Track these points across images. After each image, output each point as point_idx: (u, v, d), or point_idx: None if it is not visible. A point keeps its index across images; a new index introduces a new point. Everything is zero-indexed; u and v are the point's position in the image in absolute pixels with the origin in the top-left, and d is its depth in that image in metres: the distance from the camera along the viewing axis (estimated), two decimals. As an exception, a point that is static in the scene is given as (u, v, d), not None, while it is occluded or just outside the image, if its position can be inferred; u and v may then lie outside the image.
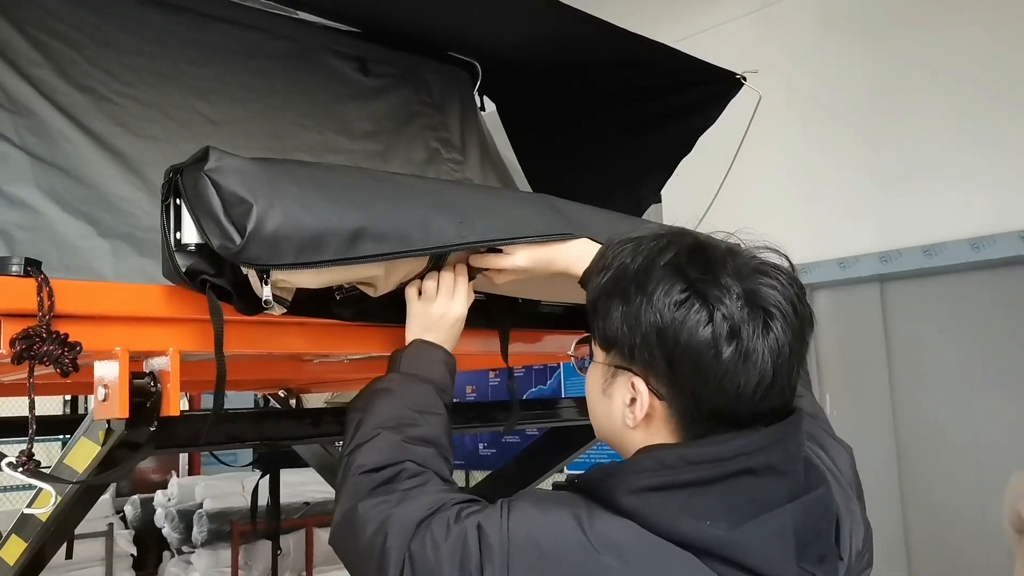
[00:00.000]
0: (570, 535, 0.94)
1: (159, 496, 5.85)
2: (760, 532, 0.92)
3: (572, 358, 1.29)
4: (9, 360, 1.10)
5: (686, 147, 2.50)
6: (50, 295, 1.11)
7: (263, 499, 4.37)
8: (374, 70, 2.58)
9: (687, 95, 2.42)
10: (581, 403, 2.05)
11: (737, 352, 0.94)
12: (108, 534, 5.37)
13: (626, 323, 1.00)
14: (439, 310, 1.41)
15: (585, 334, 1.14)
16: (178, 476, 6.31)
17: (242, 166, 1.20)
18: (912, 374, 4.16)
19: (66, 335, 1.11)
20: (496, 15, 2.29)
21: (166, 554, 5.88)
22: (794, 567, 0.93)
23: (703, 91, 2.41)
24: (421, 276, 1.43)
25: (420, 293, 1.43)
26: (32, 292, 1.10)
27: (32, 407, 1.15)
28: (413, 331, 1.42)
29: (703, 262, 0.99)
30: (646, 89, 2.46)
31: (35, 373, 1.12)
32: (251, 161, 1.22)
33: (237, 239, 1.15)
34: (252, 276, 1.20)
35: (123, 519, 5.97)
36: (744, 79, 2.33)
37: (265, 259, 1.17)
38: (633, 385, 1.01)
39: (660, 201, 2.76)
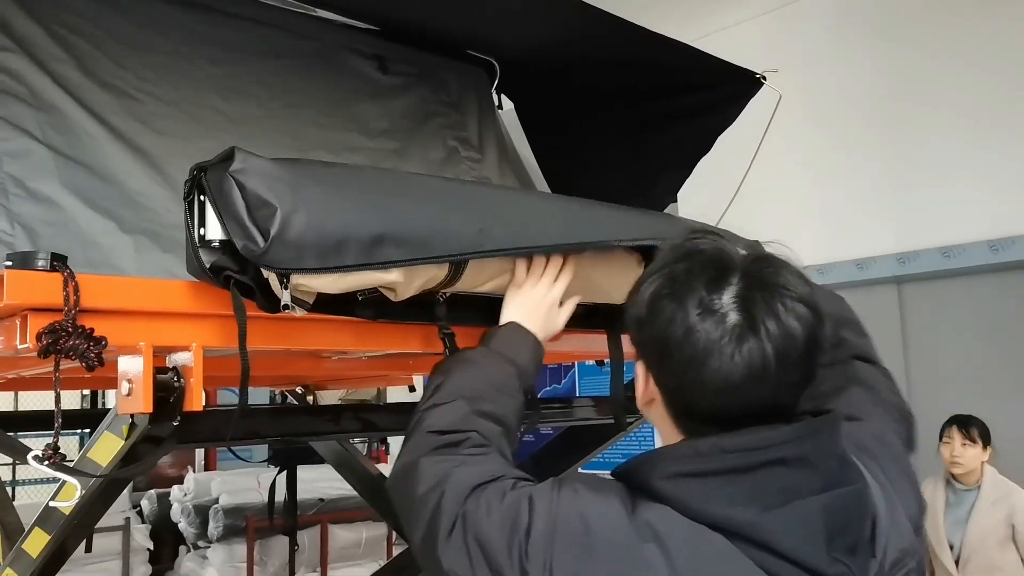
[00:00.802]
0: (617, 520, 0.97)
1: (175, 491, 5.88)
2: (789, 518, 0.94)
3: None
4: (36, 354, 1.11)
5: (705, 146, 2.49)
6: (76, 290, 1.12)
7: (279, 495, 4.39)
8: (393, 68, 2.59)
9: (706, 94, 2.42)
10: (598, 402, 2.05)
11: (694, 350, 0.97)
12: (125, 528, 5.41)
13: (634, 310, 1.07)
14: (537, 295, 1.45)
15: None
16: (194, 471, 6.35)
17: (267, 168, 1.21)
18: (930, 376, 4.14)
19: (91, 330, 1.12)
20: (514, 14, 2.29)
21: (182, 548, 5.91)
22: (824, 555, 0.94)
23: (722, 90, 2.41)
24: (441, 286, 1.43)
25: (518, 275, 1.47)
26: (58, 287, 1.11)
27: (58, 401, 1.17)
28: (510, 312, 1.45)
29: (694, 261, 1.03)
30: (665, 88, 2.46)
31: (60, 367, 1.13)
32: (275, 163, 1.23)
33: (260, 242, 1.16)
34: (272, 279, 1.21)
35: (140, 513, 6.01)
36: (764, 78, 2.32)
37: (287, 262, 1.18)
38: (639, 368, 1.09)
39: (675, 200, 2.76)
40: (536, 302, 1.45)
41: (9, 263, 1.13)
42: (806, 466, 0.98)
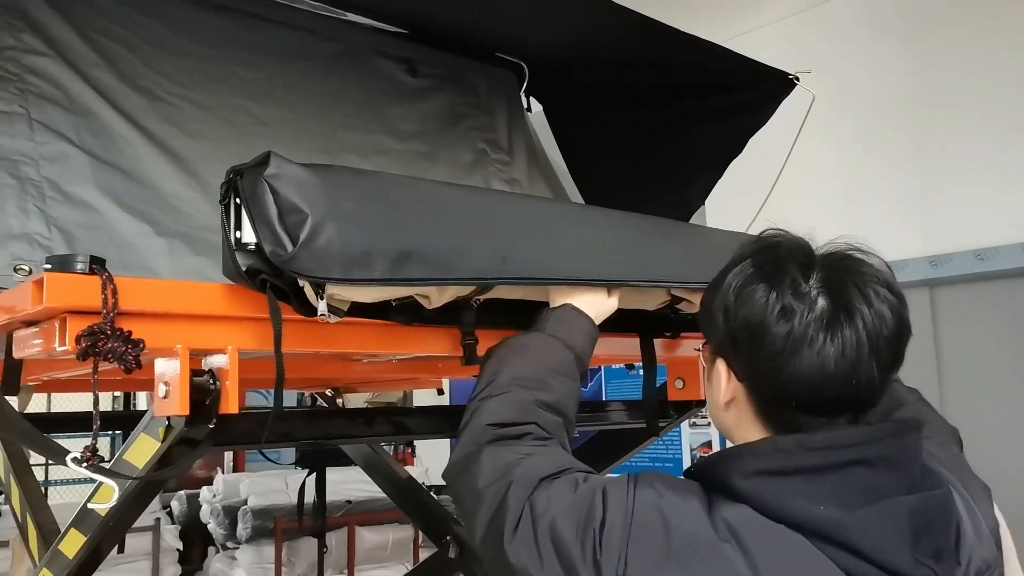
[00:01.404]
0: (695, 518, 0.96)
1: (205, 492, 5.92)
2: (873, 518, 0.93)
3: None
4: (74, 356, 1.11)
5: (737, 148, 2.47)
6: (114, 292, 1.12)
7: (307, 497, 4.41)
8: (422, 71, 2.60)
9: (738, 95, 2.40)
10: (630, 406, 2.03)
11: (790, 332, 0.97)
12: (155, 529, 5.45)
13: (711, 308, 1.07)
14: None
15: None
16: (223, 473, 6.39)
17: (301, 175, 1.21)
18: (963, 382, 4.08)
19: (130, 332, 1.12)
20: (543, 16, 2.28)
21: (211, 549, 5.95)
22: (909, 557, 0.93)
23: (755, 91, 2.39)
24: (474, 294, 1.42)
25: None
26: (97, 290, 1.12)
27: (96, 403, 1.17)
28: (563, 294, 1.42)
29: (779, 250, 1.04)
30: (696, 89, 2.44)
31: (98, 370, 1.13)
32: (309, 170, 1.23)
33: (289, 247, 1.16)
34: (308, 289, 1.21)
35: (169, 514, 6.06)
36: (797, 79, 2.30)
37: (313, 270, 1.18)
38: (720, 368, 1.07)
39: (703, 203, 2.74)
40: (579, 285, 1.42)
41: (48, 266, 1.14)
42: (889, 468, 0.97)
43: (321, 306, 1.20)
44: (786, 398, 1.00)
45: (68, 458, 1.15)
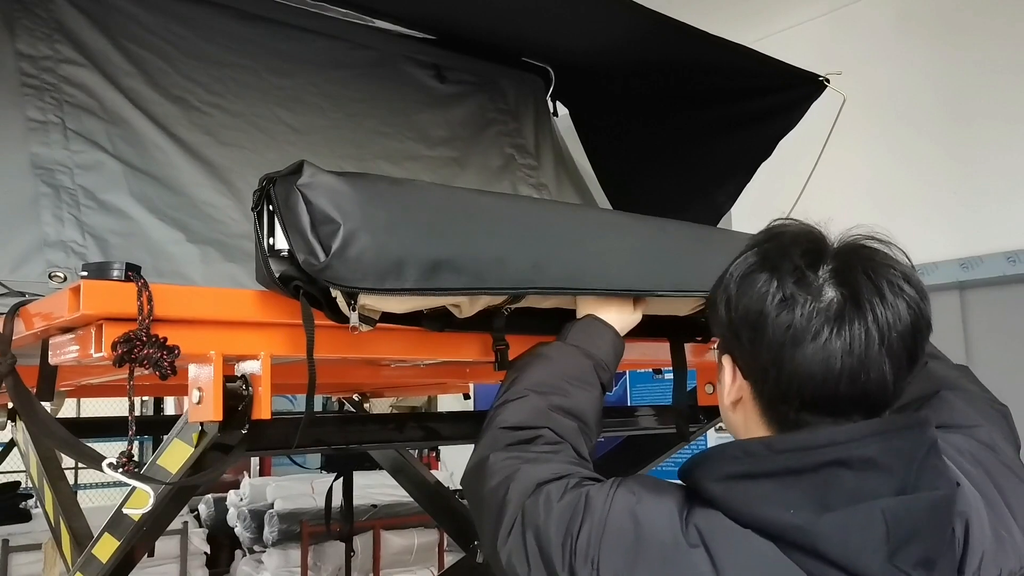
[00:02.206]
0: (668, 522, 0.94)
1: (231, 496, 5.96)
2: (843, 523, 0.88)
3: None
4: (111, 362, 1.12)
5: (766, 151, 2.45)
6: (150, 299, 1.13)
7: (334, 501, 4.43)
8: (450, 77, 2.61)
9: (768, 98, 2.38)
10: (660, 411, 2.02)
11: (791, 323, 0.93)
12: (183, 532, 5.50)
13: (717, 303, 1.04)
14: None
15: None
16: (250, 476, 6.43)
17: (334, 184, 1.21)
18: (993, 386, 4.02)
19: (165, 339, 1.13)
20: (570, 19, 2.28)
21: (238, 553, 5.99)
22: (883, 564, 0.87)
23: (784, 94, 2.37)
24: (505, 303, 1.41)
25: None
26: (132, 296, 1.13)
27: (132, 409, 1.18)
28: (586, 307, 1.42)
29: (784, 239, 1.00)
30: (724, 92, 2.42)
31: (134, 376, 1.14)
32: (342, 179, 1.23)
33: (322, 257, 1.17)
34: (340, 299, 1.22)
35: (197, 518, 6.10)
36: (828, 81, 2.28)
37: (346, 280, 1.18)
38: (727, 365, 1.04)
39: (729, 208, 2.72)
40: (612, 295, 1.41)
41: (85, 273, 1.15)
42: (873, 469, 0.90)
43: (353, 317, 1.21)
44: (789, 395, 0.95)
45: (104, 464, 1.17)
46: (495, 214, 1.40)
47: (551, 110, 2.89)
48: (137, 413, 1.18)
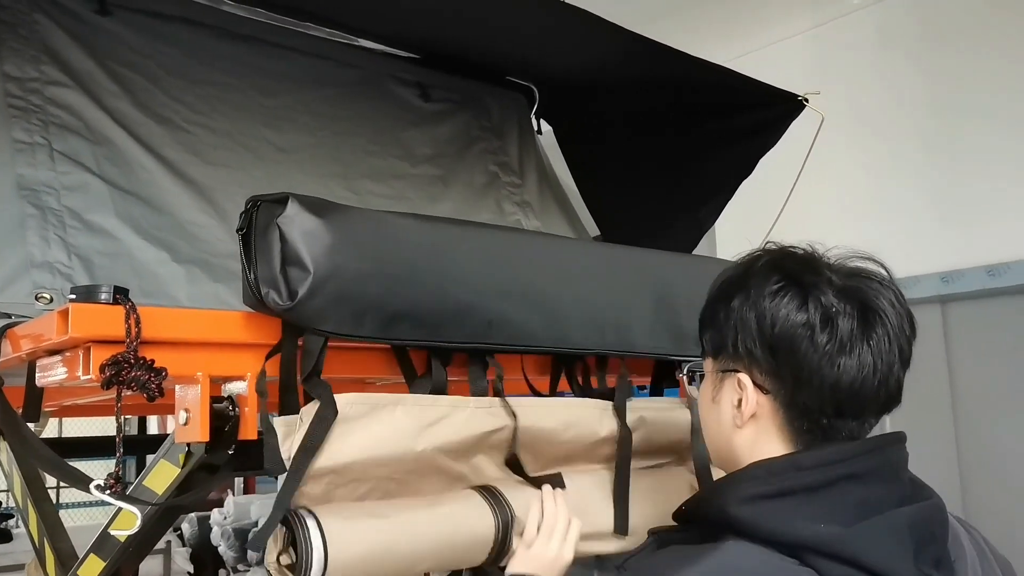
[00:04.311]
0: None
1: (215, 514, 5.89)
2: (875, 531, 0.92)
3: (687, 380, 1.32)
4: (99, 385, 1.13)
5: (747, 169, 2.48)
6: (137, 322, 1.14)
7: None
8: (434, 96, 2.63)
9: (747, 117, 2.41)
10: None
11: (833, 338, 0.96)
12: (166, 552, 5.44)
13: (728, 322, 1.04)
14: (548, 556, 1.35)
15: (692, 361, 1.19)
16: (234, 495, 6.38)
17: (313, 228, 1.22)
18: (976, 400, 4.06)
19: (152, 361, 1.14)
20: (553, 39, 2.31)
21: (222, 572, 5.91)
22: (912, 567, 0.92)
23: (764, 113, 2.40)
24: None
25: (528, 532, 1.37)
26: (120, 319, 1.13)
27: (119, 431, 1.19)
28: (515, 566, 1.36)
29: (798, 259, 1.04)
30: (706, 111, 2.46)
31: (121, 398, 1.15)
32: (323, 221, 1.23)
33: (286, 300, 1.19)
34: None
35: (180, 537, 6.03)
36: (807, 100, 2.31)
37: (306, 321, 1.21)
38: (739, 383, 1.03)
39: (712, 224, 2.75)
40: (547, 563, 1.36)
41: (73, 296, 1.15)
42: (879, 480, 0.97)
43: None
44: (824, 404, 0.98)
45: (92, 485, 1.17)
46: (463, 265, 1.40)
47: (535, 128, 2.91)
48: (113, 431, 1.19)
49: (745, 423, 1.04)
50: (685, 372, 1.30)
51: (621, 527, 1.52)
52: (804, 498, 0.94)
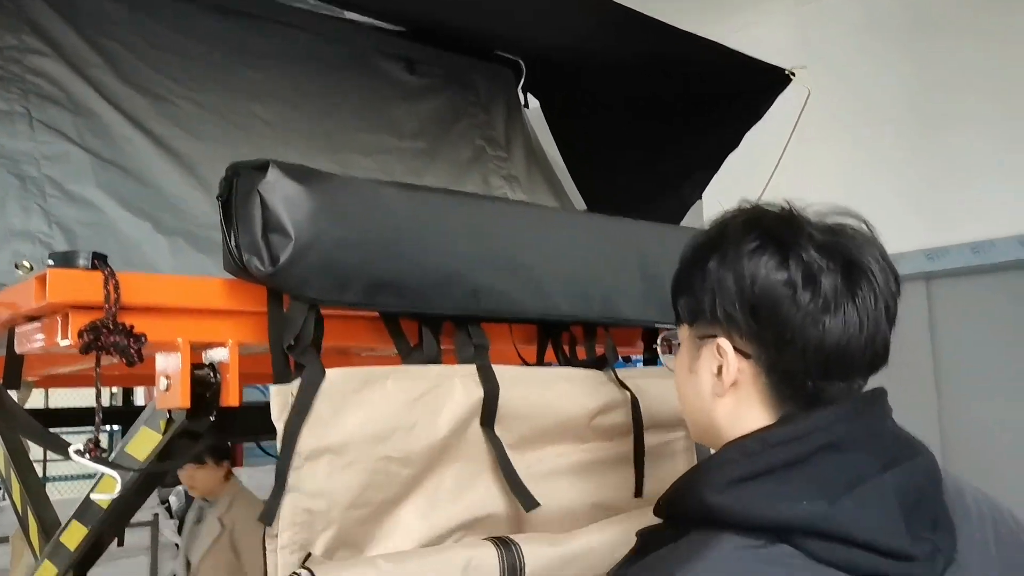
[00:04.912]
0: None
1: (201, 489, 5.93)
2: (860, 503, 0.88)
3: (661, 351, 1.26)
4: (77, 350, 1.13)
5: (732, 143, 2.49)
6: (116, 287, 1.13)
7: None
8: (421, 70, 2.62)
9: (734, 91, 2.41)
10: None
11: (817, 296, 0.92)
12: (153, 524, 5.48)
13: (705, 286, 0.99)
14: None
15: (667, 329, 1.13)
16: (222, 469, 6.39)
17: (293, 193, 1.21)
18: (959, 375, 4.10)
19: (131, 326, 1.14)
20: (540, 13, 2.30)
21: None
22: (904, 536, 0.88)
23: (750, 87, 2.40)
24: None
25: None
26: (99, 285, 1.13)
27: (98, 396, 1.19)
28: None
29: (776, 217, 0.99)
30: (692, 85, 2.46)
31: (100, 364, 1.15)
32: (304, 187, 1.22)
33: (268, 266, 1.18)
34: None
35: (168, 510, 6.07)
36: (793, 74, 2.31)
37: (287, 288, 1.20)
38: (719, 349, 0.98)
39: (700, 197, 2.75)
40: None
41: (51, 262, 1.15)
42: (859, 447, 0.92)
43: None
44: (810, 366, 0.93)
45: (71, 450, 1.17)
46: (447, 233, 1.39)
47: (522, 102, 2.91)
48: (106, 403, 1.19)
49: (726, 391, 0.99)
50: (660, 342, 1.25)
51: (639, 489, 1.55)
52: (782, 476, 0.90)
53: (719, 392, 1.00)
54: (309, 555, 1.17)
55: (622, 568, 1.01)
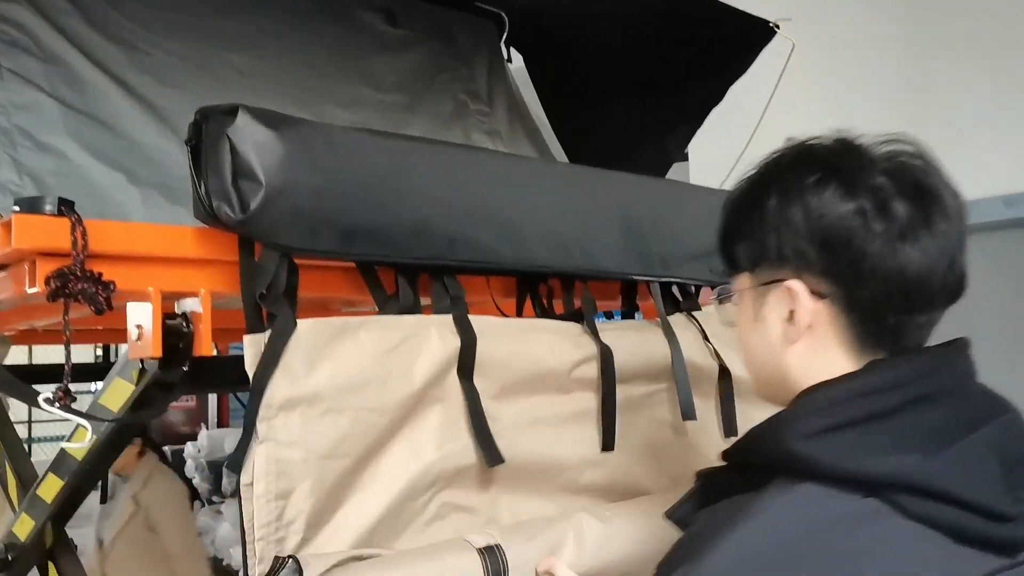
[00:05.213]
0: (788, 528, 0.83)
1: (189, 447, 5.89)
2: (960, 458, 0.83)
3: (720, 303, 1.14)
4: (45, 298, 1.11)
5: (715, 98, 2.46)
6: (83, 234, 1.12)
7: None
8: (402, 22, 2.58)
9: (717, 44, 2.38)
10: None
11: (892, 222, 0.87)
12: (142, 485, 5.48)
13: (766, 226, 0.93)
14: None
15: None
16: (207, 428, 6.39)
17: (264, 139, 1.18)
18: (989, 333, 4.06)
19: (100, 274, 1.12)
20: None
21: (196, 504, 5.98)
22: (1006, 496, 0.83)
23: (734, 40, 2.37)
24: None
25: None
26: (66, 231, 1.11)
27: (68, 345, 1.17)
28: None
29: (831, 148, 0.94)
30: (675, 37, 2.42)
31: (69, 313, 1.14)
32: (274, 132, 1.20)
33: (238, 212, 1.16)
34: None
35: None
36: (777, 27, 2.28)
37: (258, 236, 1.18)
38: (789, 291, 0.92)
39: (687, 159, 2.73)
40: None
41: (17, 208, 1.13)
42: (952, 399, 0.87)
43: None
44: (894, 297, 0.88)
45: (40, 398, 1.16)
46: (422, 181, 1.37)
47: (505, 56, 2.87)
48: (87, 360, 1.18)
49: (800, 336, 0.93)
50: (716, 295, 1.13)
51: (608, 443, 1.53)
52: (875, 426, 0.84)
53: (792, 338, 0.94)
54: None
55: (688, 507, 0.99)
